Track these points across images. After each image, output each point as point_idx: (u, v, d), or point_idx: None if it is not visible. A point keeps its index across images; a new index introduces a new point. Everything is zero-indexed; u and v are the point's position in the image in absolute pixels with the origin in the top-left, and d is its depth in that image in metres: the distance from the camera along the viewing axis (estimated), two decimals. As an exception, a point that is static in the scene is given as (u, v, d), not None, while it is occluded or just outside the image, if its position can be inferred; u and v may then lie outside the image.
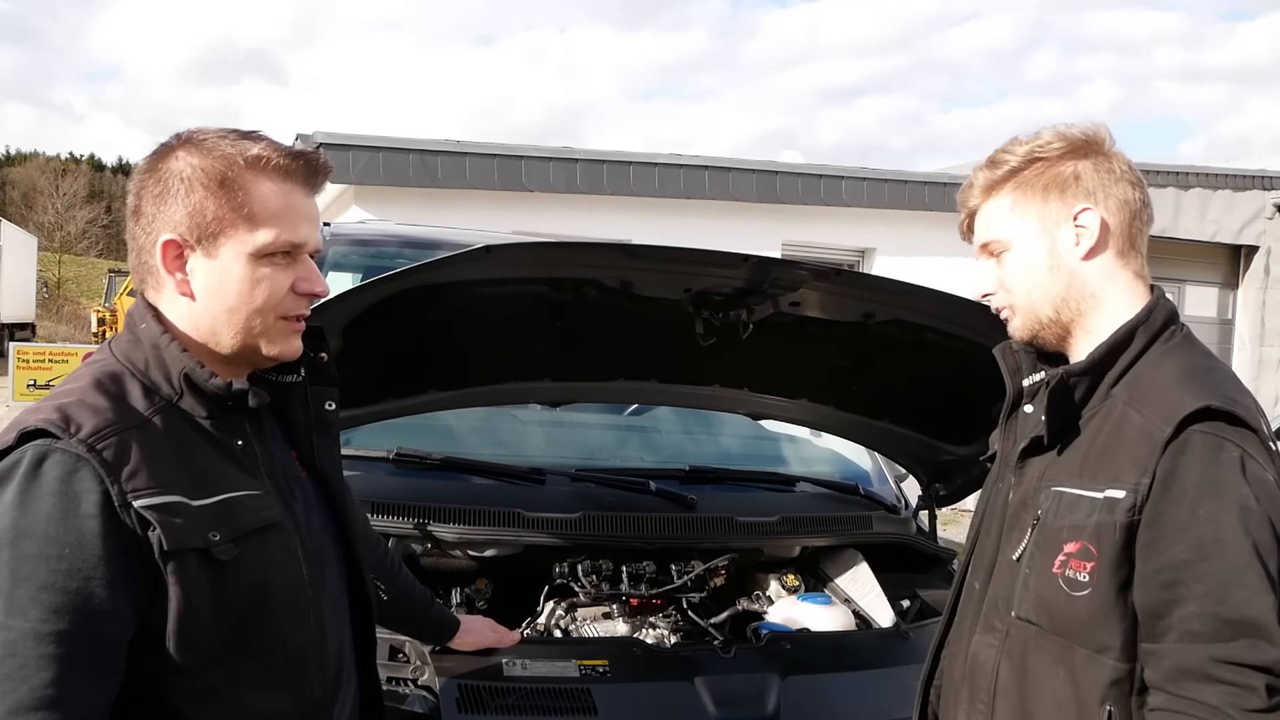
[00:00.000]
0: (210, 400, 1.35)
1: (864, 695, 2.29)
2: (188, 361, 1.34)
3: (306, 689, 1.41)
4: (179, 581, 1.25)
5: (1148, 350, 1.48)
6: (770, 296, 2.35)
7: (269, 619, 1.36)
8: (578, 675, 2.12)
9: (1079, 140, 1.54)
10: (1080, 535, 1.42)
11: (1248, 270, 11.55)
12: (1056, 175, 1.52)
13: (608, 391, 2.85)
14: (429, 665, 2.08)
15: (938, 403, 2.82)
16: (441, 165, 8.23)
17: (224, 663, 1.31)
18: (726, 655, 2.25)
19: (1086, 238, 1.51)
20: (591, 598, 2.54)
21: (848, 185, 9.60)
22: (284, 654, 1.38)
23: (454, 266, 2.15)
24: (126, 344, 1.37)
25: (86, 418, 1.25)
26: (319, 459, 1.55)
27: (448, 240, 3.43)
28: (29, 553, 1.18)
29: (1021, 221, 1.54)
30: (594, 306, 2.38)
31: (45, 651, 1.16)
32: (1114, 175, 1.52)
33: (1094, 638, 1.41)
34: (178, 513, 1.26)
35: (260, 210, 1.33)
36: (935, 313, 2.49)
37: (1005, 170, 1.56)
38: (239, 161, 1.33)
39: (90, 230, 54.28)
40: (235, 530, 1.31)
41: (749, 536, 2.69)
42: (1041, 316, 1.55)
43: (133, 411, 1.29)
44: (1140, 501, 1.36)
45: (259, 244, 1.33)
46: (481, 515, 2.45)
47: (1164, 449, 1.36)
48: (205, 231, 1.32)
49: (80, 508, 1.20)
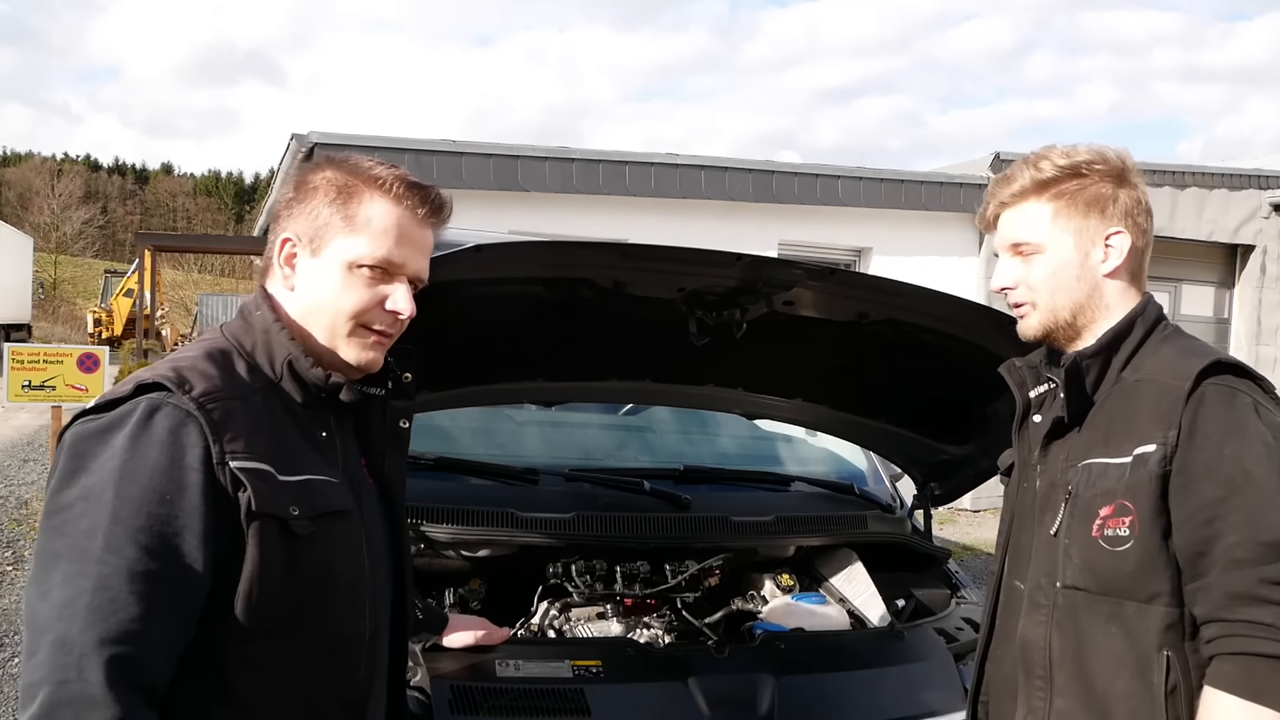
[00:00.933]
0: (306, 389, 1.45)
1: (859, 695, 2.28)
2: (294, 349, 1.45)
3: (351, 679, 1.47)
4: (258, 544, 1.33)
5: (1147, 339, 1.63)
6: (764, 296, 2.34)
7: (329, 601, 1.43)
8: (571, 676, 2.12)
9: (1118, 167, 1.66)
10: (1114, 497, 1.53)
11: (1244, 270, 11.54)
12: (1098, 195, 1.64)
13: (601, 391, 2.84)
14: (421, 666, 2.07)
15: (933, 402, 2.82)
16: (437, 165, 8.20)
17: (280, 636, 1.37)
18: (721, 655, 2.24)
19: (1115, 256, 1.64)
20: (585, 598, 2.54)
21: (844, 185, 9.58)
22: (336, 639, 1.44)
23: (445, 266, 2.13)
24: (238, 328, 1.49)
25: (199, 380, 1.36)
26: (388, 471, 1.63)
27: (442, 240, 3.41)
28: (131, 495, 1.27)
29: (1061, 231, 1.65)
30: (587, 306, 2.37)
31: (136, 589, 1.23)
32: (1141, 207, 1.66)
33: (1143, 587, 1.50)
34: (266, 480, 1.35)
35: (365, 224, 1.45)
36: (930, 312, 2.49)
37: (1049, 177, 1.65)
38: (363, 177, 1.47)
39: (86, 231, 54.25)
40: (313, 509, 1.39)
41: (743, 536, 2.68)
42: (1060, 319, 1.67)
43: (240, 383, 1.40)
44: (1170, 452, 1.49)
45: (356, 253, 1.45)
46: (475, 515, 2.45)
47: (1185, 401, 1.49)
48: (316, 233, 1.46)
49: (185, 459, 1.30)
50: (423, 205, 1.50)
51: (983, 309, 2.53)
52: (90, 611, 1.21)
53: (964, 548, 8.27)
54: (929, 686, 2.34)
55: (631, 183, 8.83)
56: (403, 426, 1.65)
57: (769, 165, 9.51)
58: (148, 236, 26.14)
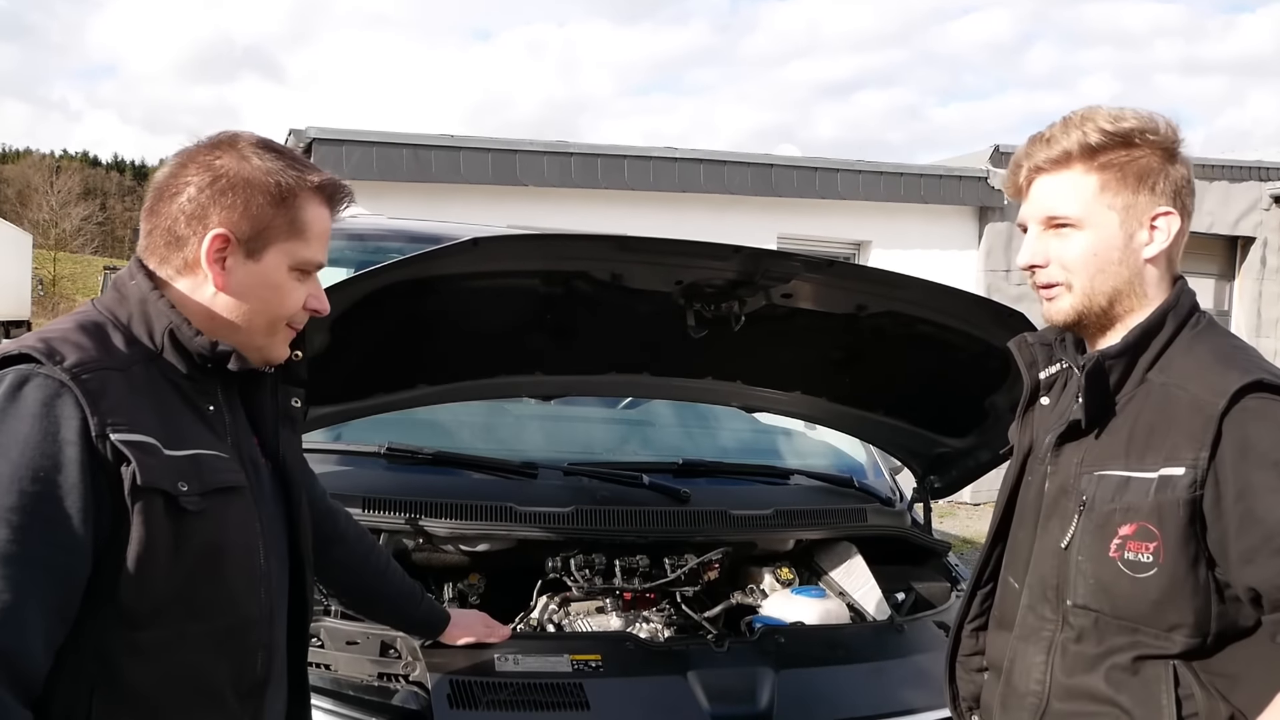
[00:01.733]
0: (190, 359, 1.38)
1: (858, 689, 2.28)
2: (174, 317, 1.37)
3: (249, 664, 1.42)
4: (143, 522, 1.26)
5: (1178, 335, 1.49)
6: (762, 288, 2.34)
7: (221, 582, 1.36)
8: (570, 670, 2.11)
9: (1169, 138, 1.50)
10: (1136, 516, 1.41)
11: (1244, 262, 11.53)
12: (1149, 169, 1.48)
13: (599, 385, 2.84)
14: (420, 661, 2.06)
15: (932, 395, 2.81)
16: (435, 160, 8.19)
17: (169, 619, 1.31)
18: (720, 649, 2.24)
19: (1160, 239, 1.49)
20: (584, 592, 2.53)
21: (843, 178, 9.56)
22: (231, 622, 1.38)
23: (442, 260, 2.13)
24: (111, 300, 1.40)
25: (70, 351, 1.27)
26: (282, 449, 1.56)
27: (441, 234, 3.41)
28: (1, 473, 1.18)
29: (1105, 209, 1.48)
30: (584, 299, 2.37)
31: (7, 574, 1.16)
32: (1189, 186, 1.52)
33: (1164, 618, 1.40)
34: (151, 453, 1.27)
35: (308, 229, 1.43)
36: (928, 304, 2.48)
37: (1096, 143, 1.48)
38: (304, 182, 1.42)
39: (85, 227, 54.21)
40: (203, 485, 1.33)
41: (743, 530, 2.68)
42: (1096, 304, 1.51)
43: (116, 354, 1.32)
44: (1201, 476, 1.36)
45: (300, 259, 1.43)
46: (474, 510, 2.44)
47: (1219, 421, 1.35)
48: (257, 235, 1.39)
49: (60, 432, 1.21)
50: (340, 203, 1.50)
51: (982, 300, 2.52)
52: None
53: (964, 541, 8.27)
54: (929, 680, 2.32)
55: (630, 177, 8.81)
56: (294, 405, 1.59)
57: (768, 159, 9.50)
58: (146, 233, 26.04)
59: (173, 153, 1.45)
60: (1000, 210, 9.84)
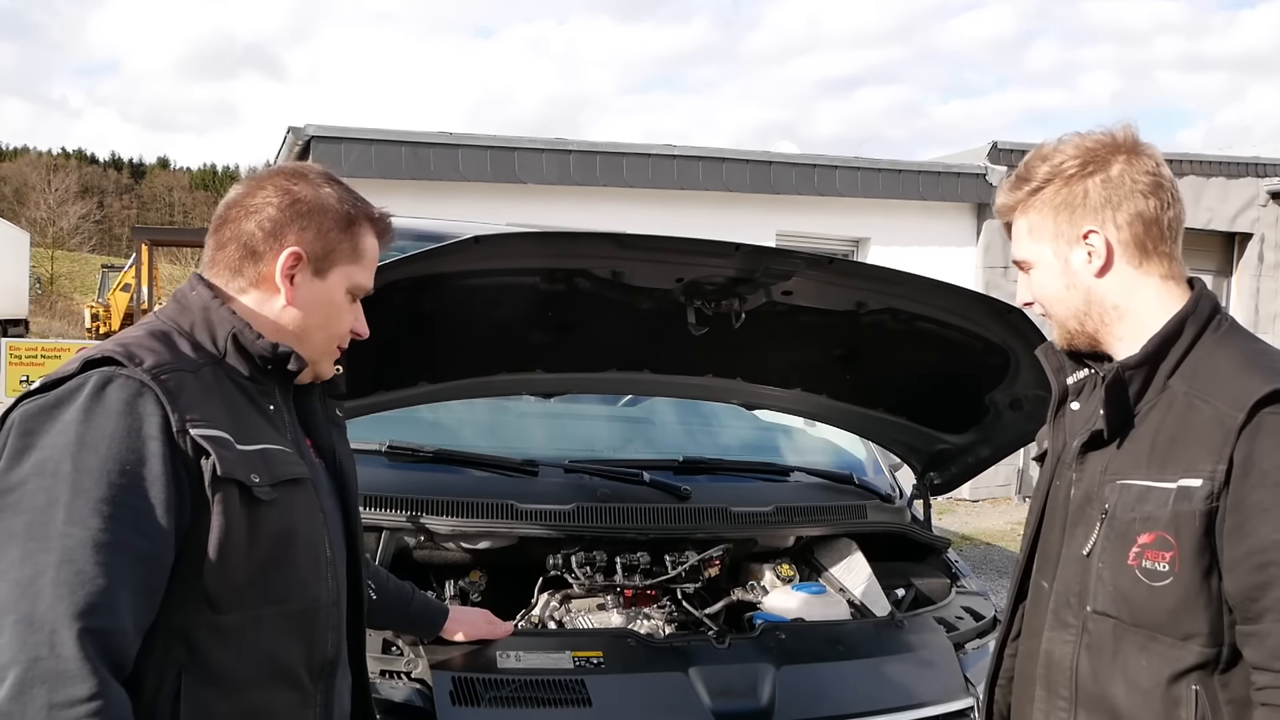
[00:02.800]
0: (252, 361, 1.47)
1: (859, 684, 2.28)
2: (237, 322, 1.46)
3: (319, 644, 1.49)
4: (223, 511, 1.34)
5: (1199, 340, 1.50)
6: (762, 285, 2.34)
7: (293, 567, 1.45)
8: (572, 667, 2.11)
9: (1095, 153, 1.53)
10: (1155, 526, 1.44)
11: (1241, 258, 11.55)
12: (1068, 197, 1.55)
13: (600, 383, 2.84)
14: (422, 658, 2.07)
15: (932, 391, 2.82)
16: (434, 157, 8.19)
17: (247, 602, 1.39)
18: (721, 646, 2.24)
19: (1096, 258, 1.54)
20: (585, 589, 2.54)
21: (842, 175, 9.56)
22: (302, 604, 1.47)
23: (443, 257, 2.13)
24: (173, 310, 1.50)
25: (148, 354, 1.37)
26: (338, 450, 1.66)
27: (441, 232, 3.41)
28: (90, 466, 1.26)
29: (1037, 244, 1.60)
30: (585, 297, 2.37)
31: (102, 561, 1.23)
32: (1124, 188, 1.51)
33: (1179, 627, 1.43)
34: (227, 446, 1.36)
35: (363, 254, 1.56)
36: (928, 301, 2.49)
37: (1026, 190, 1.59)
38: (366, 213, 1.57)
39: (83, 226, 54.09)
40: (273, 476, 1.41)
41: (743, 527, 2.68)
42: (1069, 328, 1.61)
43: (185, 358, 1.41)
44: (1217, 489, 1.38)
45: (355, 282, 1.56)
46: (475, 507, 2.44)
47: (1239, 434, 1.37)
48: (326, 256, 1.51)
49: (143, 428, 1.30)
50: (388, 239, 1.62)
51: (981, 297, 2.52)
52: (56, 586, 1.19)
53: (963, 537, 8.28)
54: (929, 675, 2.34)
55: (629, 174, 8.81)
56: (338, 414, 1.70)
57: (766, 156, 9.50)
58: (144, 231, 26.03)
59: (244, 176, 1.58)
60: (999, 207, 9.84)
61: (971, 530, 8.69)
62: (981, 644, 2.49)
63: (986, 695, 1.84)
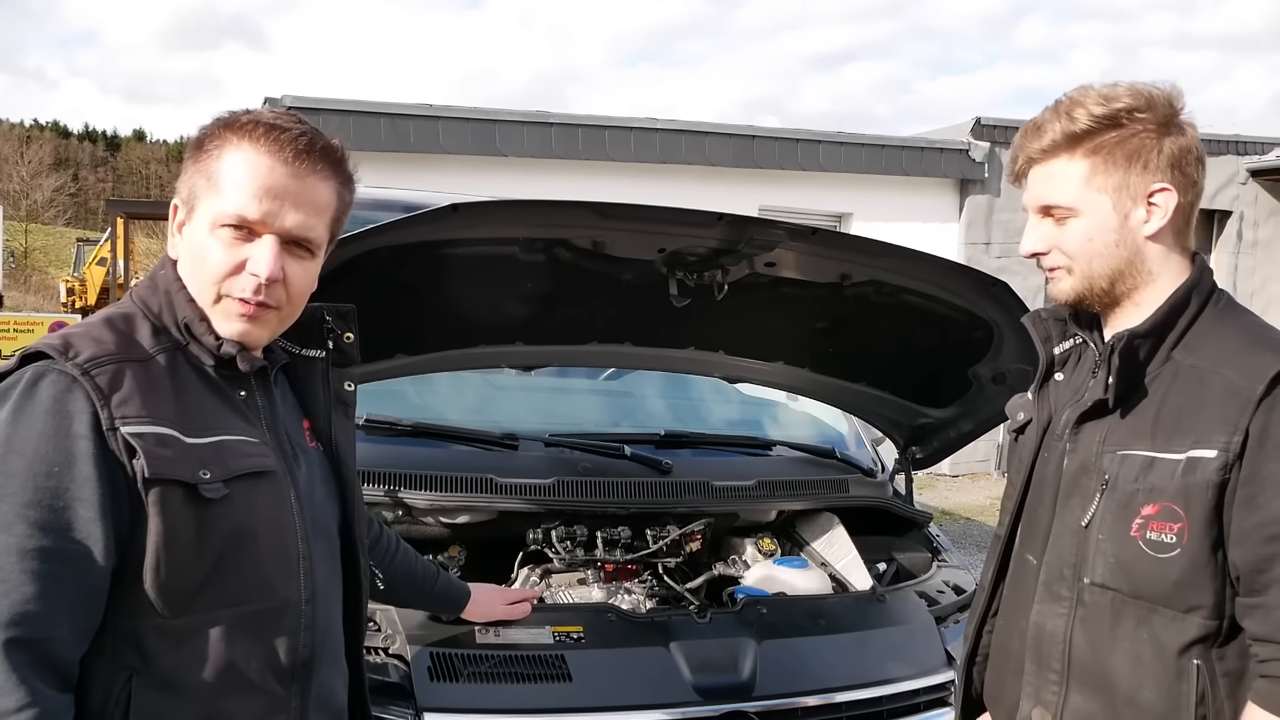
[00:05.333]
0: (210, 351, 1.38)
1: (840, 658, 2.28)
2: (190, 312, 1.37)
3: (289, 647, 1.40)
4: (160, 513, 1.26)
5: (1202, 313, 1.49)
6: (745, 256, 2.31)
7: (253, 567, 1.35)
8: (552, 642, 2.10)
9: (1163, 111, 1.47)
10: (1160, 497, 1.42)
11: (1220, 235, 11.60)
12: (1139, 148, 1.46)
13: (581, 355, 2.81)
14: (400, 634, 2.04)
15: (914, 365, 2.80)
16: (414, 129, 8.09)
17: (199, 605, 1.31)
18: (702, 620, 2.23)
19: (1158, 217, 1.47)
20: (566, 564, 2.52)
21: (825, 150, 9.53)
22: (266, 605, 1.37)
23: (420, 226, 2.09)
24: (145, 289, 1.41)
25: (86, 345, 1.29)
26: (335, 434, 1.56)
27: (420, 203, 3.36)
28: (16, 469, 1.21)
29: (1096, 193, 1.48)
30: (565, 268, 2.33)
31: (28, 567, 1.18)
32: (1191, 156, 1.48)
33: (1183, 599, 1.41)
34: (167, 444, 1.27)
35: (222, 177, 1.34)
36: (912, 273, 2.47)
37: (1083, 128, 1.47)
38: (221, 124, 1.35)
39: (57, 199, 53.45)
40: (226, 471, 1.32)
41: (725, 501, 2.67)
42: (1097, 286, 1.52)
43: (136, 347, 1.33)
44: (1232, 460, 1.36)
45: (216, 211, 1.34)
46: (454, 481, 2.41)
47: (1257, 405, 1.36)
48: (190, 195, 1.38)
49: (72, 427, 1.23)
50: (288, 147, 1.33)
51: (965, 270, 2.50)
52: None
53: (943, 512, 8.33)
54: (911, 649, 2.33)
55: (611, 147, 8.74)
56: (348, 389, 1.59)
57: (749, 130, 9.45)
58: (119, 204, 25.69)
59: None
60: (981, 183, 9.85)
61: (951, 505, 8.75)
62: (963, 618, 2.49)
63: (964, 672, 1.82)
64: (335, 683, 1.52)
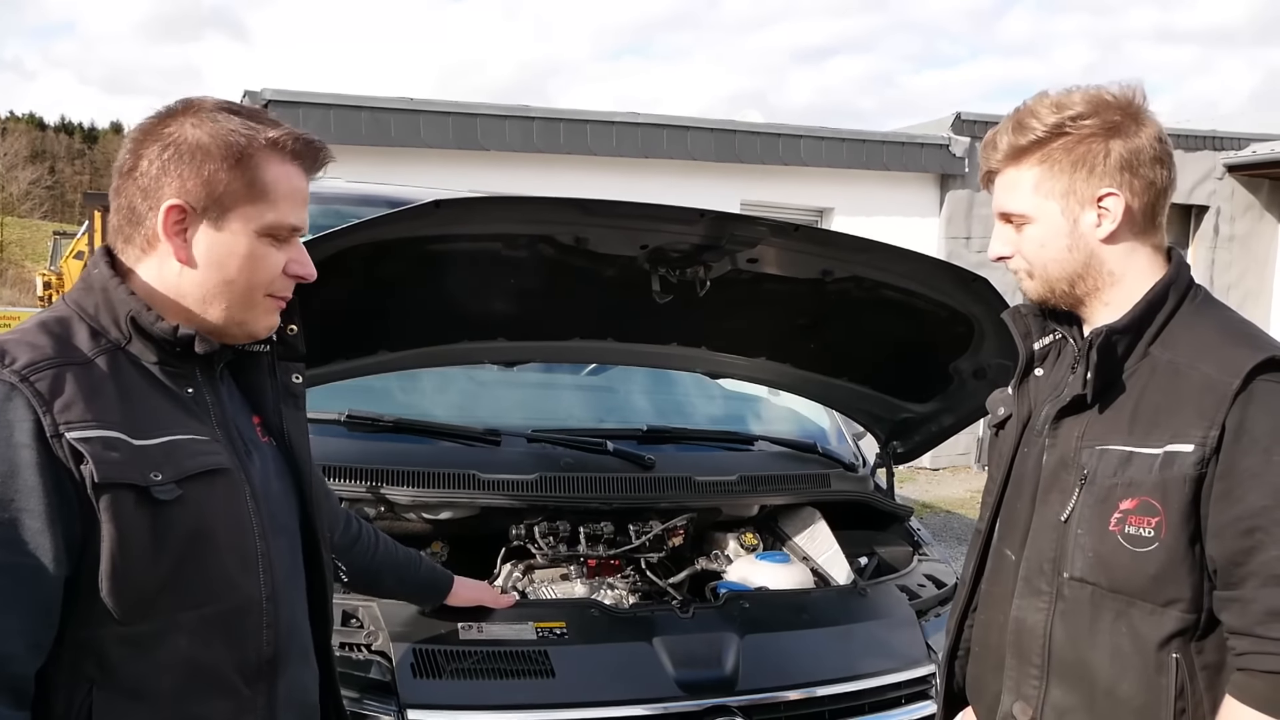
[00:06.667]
0: (158, 345, 1.35)
1: (822, 652, 2.29)
2: (134, 304, 1.33)
3: (252, 645, 1.38)
4: (112, 518, 1.23)
5: (1179, 309, 1.50)
6: (728, 253, 2.32)
7: (213, 567, 1.33)
8: (535, 638, 2.10)
9: (1112, 114, 1.49)
10: (1138, 491, 1.43)
11: (1198, 230, 11.68)
12: (1085, 154, 1.48)
13: (563, 351, 2.81)
14: (383, 630, 2.04)
15: (896, 360, 2.82)
16: (395, 123, 8.04)
17: (160, 610, 1.29)
18: (685, 615, 2.24)
19: (1108, 221, 1.49)
20: (549, 559, 2.52)
21: (806, 144, 9.54)
22: (228, 605, 1.35)
23: (403, 222, 2.09)
24: (79, 291, 1.37)
25: (23, 352, 1.25)
26: (286, 428, 1.54)
27: (402, 198, 3.34)
28: None
29: (1044, 199, 1.52)
30: (548, 264, 2.33)
31: None
32: (1143, 156, 1.48)
33: (1161, 592, 1.43)
34: (114, 448, 1.24)
35: (272, 190, 1.36)
36: (893, 269, 2.48)
37: (1032, 139, 1.52)
38: (259, 140, 1.35)
39: (34, 192, 52.87)
40: (178, 472, 1.30)
41: (707, 496, 2.67)
42: (1057, 288, 1.56)
43: (74, 350, 1.29)
44: (1209, 454, 1.38)
45: (266, 222, 1.36)
46: (436, 477, 2.41)
47: (1233, 400, 1.37)
48: (216, 202, 1.34)
49: (13, 436, 1.19)
50: (312, 161, 1.42)
51: (946, 265, 2.52)
52: None
53: (924, 505, 8.38)
54: (892, 643, 2.35)
55: (593, 141, 8.72)
56: (295, 381, 1.56)
57: (731, 124, 9.44)
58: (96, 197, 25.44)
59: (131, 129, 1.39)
60: (961, 178, 9.88)
61: (932, 498, 8.80)
62: (944, 611, 2.51)
63: (945, 667, 1.83)
64: (305, 680, 1.51)
